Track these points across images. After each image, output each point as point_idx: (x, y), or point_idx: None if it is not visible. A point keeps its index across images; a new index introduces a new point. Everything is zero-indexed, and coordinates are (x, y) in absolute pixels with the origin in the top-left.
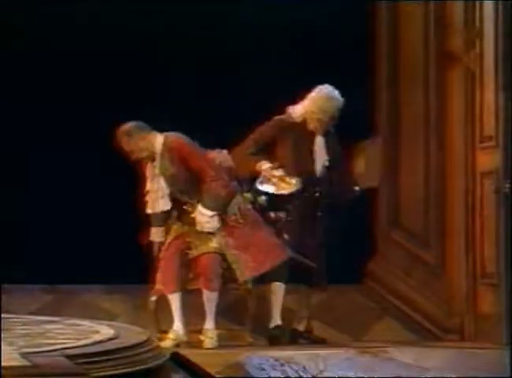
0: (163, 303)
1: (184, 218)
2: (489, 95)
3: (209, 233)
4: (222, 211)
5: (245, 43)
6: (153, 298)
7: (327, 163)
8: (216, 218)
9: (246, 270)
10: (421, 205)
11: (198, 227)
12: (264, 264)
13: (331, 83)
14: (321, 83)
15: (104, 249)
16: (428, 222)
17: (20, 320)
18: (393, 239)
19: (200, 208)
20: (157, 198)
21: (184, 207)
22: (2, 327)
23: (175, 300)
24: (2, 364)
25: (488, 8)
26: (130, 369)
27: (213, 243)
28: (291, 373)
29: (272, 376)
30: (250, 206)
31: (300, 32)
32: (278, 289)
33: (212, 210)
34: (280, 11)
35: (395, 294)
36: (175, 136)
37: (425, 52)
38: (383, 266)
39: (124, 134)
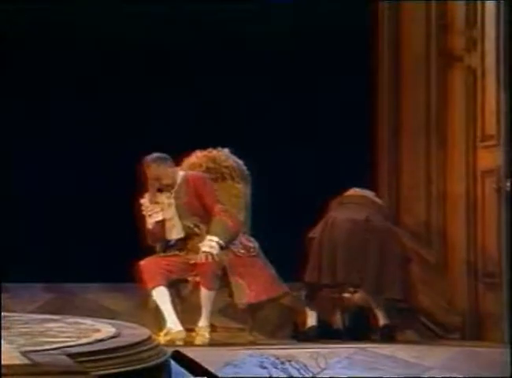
0: None
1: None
2: (490, 94)
3: None
4: (228, 241)
5: (245, 44)
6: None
7: None
8: (218, 246)
9: (244, 296)
10: (423, 204)
11: (202, 248)
12: (261, 294)
13: (332, 84)
14: (322, 84)
15: (105, 247)
16: (430, 221)
17: (20, 318)
18: None
19: (208, 236)
20: (171, 226)
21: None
22: (3, 325)
23: (161, 295)
24: (3, 362)
25: (490, 7)
26: (131, 368)
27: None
28: (292, 371)
29: (274, 374)
30: (252, 239)
31: (300, 33)
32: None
33: (219, 238)
34: (282, 12)
35: None
36: (195, 172)
37: (427, 51)
38: None
39: (154, 161)
